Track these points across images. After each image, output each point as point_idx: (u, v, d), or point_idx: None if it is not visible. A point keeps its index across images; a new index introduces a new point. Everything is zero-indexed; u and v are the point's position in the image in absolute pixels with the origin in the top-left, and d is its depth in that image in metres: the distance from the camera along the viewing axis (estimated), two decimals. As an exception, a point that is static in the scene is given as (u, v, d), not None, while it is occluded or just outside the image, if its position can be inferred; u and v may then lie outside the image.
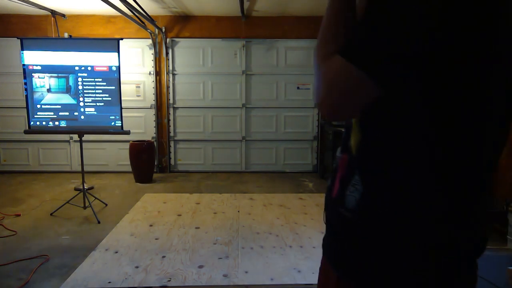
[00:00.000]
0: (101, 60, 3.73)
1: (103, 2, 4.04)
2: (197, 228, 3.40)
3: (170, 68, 5.80)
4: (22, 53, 3.69)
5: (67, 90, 3.76)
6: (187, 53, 5.79)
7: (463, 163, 0.62)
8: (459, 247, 0.65)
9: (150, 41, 5.68)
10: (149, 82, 5.80)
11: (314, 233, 3.28)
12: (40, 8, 4.95)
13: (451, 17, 0.55)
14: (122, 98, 3.92)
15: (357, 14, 0.68)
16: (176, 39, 5.76)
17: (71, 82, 3.75)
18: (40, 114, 3.77)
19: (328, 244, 0.78)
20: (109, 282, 2.38)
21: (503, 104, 0.66)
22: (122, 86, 4.00)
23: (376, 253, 0.66)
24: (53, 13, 5.21)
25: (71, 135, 5.69)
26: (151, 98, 5.83)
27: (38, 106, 3.76)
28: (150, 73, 5.78)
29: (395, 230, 0.65)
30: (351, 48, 0.61)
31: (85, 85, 3.75)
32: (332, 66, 0.63)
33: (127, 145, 5.33)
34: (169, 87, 5.84)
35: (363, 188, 0.67)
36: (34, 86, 3.73)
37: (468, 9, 0.56)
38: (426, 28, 0.56)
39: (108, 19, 5.61)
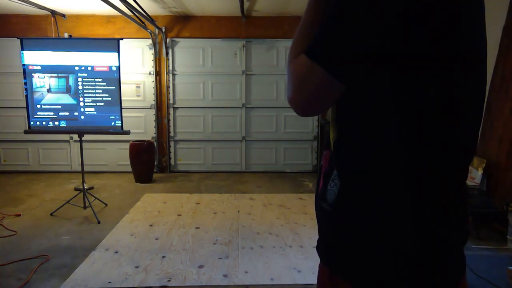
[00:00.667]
0: (101, 60, 3.73)
1: (103, 2, 4.04)
2: (197, 228, 3.40)
3: (170, 68, 5.80)
4: (22, 53, 3.69)
5: (67, 90, 3.76)
6: (187, 53, 5.79)
7: (430, 159, 0.63)
8: (434, 241, 0.65)
9: (150, 41, 5.68)
10: (149, 82, 5.80)
11: (314, 233, 3.28)
12: (40, 8, 4.95)
13: (412, 16, 0.57)
14: (122, 98, 3.92)
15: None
16: (176, 39, 5.76)
17: (71, 82, 3.75)
18: (40, 114, 3.77)
19: (318, 240, 0.80)
20: (109, 282, 2.38)
21: (477, 102, 0.68)
22: (122, 86, 4.00)
23: (354, 247, 0.68)
24: (53, 13, 5.22)
25: (71, 135, 5.70)
26: (151, 98, 5.84)
27: (38, 106, 3.76)
28: (150, 73, 5.78)
29: (369, 224, 0.66)
30: (314, 48, 0.63)
31: (85, 85, 3.75)
32: (299, 65, 0.66)
33: (127, 145, 5.33)
34: (169, 87, 5.84)
35: (340, 183, 0.70)
36: (34, 86, 3.73)
37: (430, 7, 0.57)
38: (387, 29, 0.57)
39: (108, 19, 5.61)
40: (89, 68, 3.73)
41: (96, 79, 3.75)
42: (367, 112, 0.65)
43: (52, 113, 3.77)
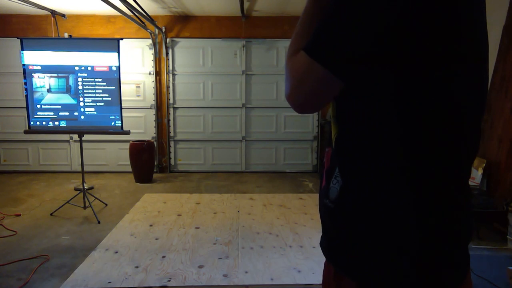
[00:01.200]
0: (101, 60, 3.73)
1: (103, 2, 4.04)
2: (197, 228, 3.40)
3: (170, 68, 5.80)
4: (22, 53, 3.69)
5: (67, 90, 3.76)
6: (187, 53, 5.79)
7: (432, 157, 0.63)
8: (438, 239, 0.64)
9: (150, 41, 5.68)
10: (149, 82, 5.80)
11: (314, 233, 3.28)
12: (40, 8, 4.95)
13: (411, 15, 0.57)
14: (122, 98, 3.92)
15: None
16: (176, 39, 5.76)
17: (71, 82, 3.75)
18: (40, 114, 3.77)
19: (322, 236, 0.80)
20: (109, 282, 2.38)
21: (479, 101, 0.67)
22: (122, 86, 4.00)
23: (357, 245, 0.68)
24: (53, 13, 5.22)
25: (71, 135, 5.70)
26: (151, 98, 5.84)
27: (38, 106, 3.76)
28: (150, 73, 5.78)
29: (371, 222, 0.66)
30: (314, 45, 0.63)
31: (85, 85, 3.75)
32: (298, 62, 0.66)
33: (127, 145, 5.33)
34: (169, 87, 5.84)
35: (342, 180, 0.70)
36: (34, 86, 3.73)
37: (430, 6, 0.57)
38: (386, 27, 0.57)
39: (108, 19, 5.61)
40: (89, 68, 3.73)
41: (96, 79, 3.75)
42: (368, 110, 0.65)
43: (52, 113, 3.77)
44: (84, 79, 3.74)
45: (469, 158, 0.69)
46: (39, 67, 3.72)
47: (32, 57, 3.71)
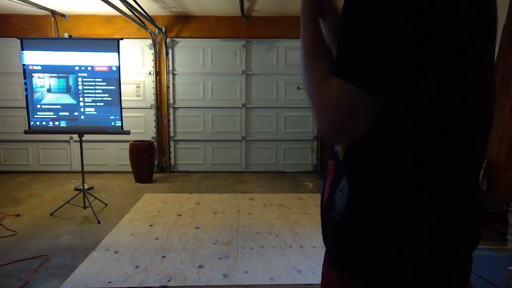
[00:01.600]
0: (101, 60, 3.73)
1: (103, 2, 4.04)
2: (197, 228, 3.40)
3: (170, 68, 5.80)
4: (22, 53, 3.69)
5: (67, 90, 3.76)
6: (187, 53, 5.79)
7: (447, 166, 0.62)
8: (447, 245, 0.64)
9: (150, 41, 5.68)
10: (149, 82, 5.80)
11: (314, 233, 3.28)
12: (40, 8, 4.95)
13: (418, 14, 0.55)
14: (122, 98, 3.92)
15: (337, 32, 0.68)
16: (176, 39, 5.76)
17: (71, 82, 3.75)
18: (40, 114, 3.77)
19: (326, 250, 0.80)
20: (109, 282, 2.38)
21: (487, 104, 0.67)
22: (122, 86, 4.00)
23: (367, 252, 0.67)
24: (53, 13, 5.22)
25: (71, 135, 5.70)
26: (151, 98, 5.84)
27: (38, 106, 3.76)
28: (150, 73, 5.78)
29: (381, 229, 0.65)
30: (345, 66, 0.60)
31: (85, 85, 3.75)
32: (330, 89, 0.61)
33: (127, 145, 5.33)
34: (169, 87, 5.84)
35: (349, 193, 0.68)
36: (34, 86, 3.73)
37: (445, 17, 0.56)
38: (408, 28, 0.55)
39: (108, 19, 5.61)
40: (89, 68, 3.73)
41: (96, 79, 3.75)
42: (379, 124, 0.63)
43: (52, 113, 3.77)
44: (84, 79, 3.74)
45: (477, 161, 0.68)
46: (39, 67, 3.72)
47: (32, 57, 3.71)
